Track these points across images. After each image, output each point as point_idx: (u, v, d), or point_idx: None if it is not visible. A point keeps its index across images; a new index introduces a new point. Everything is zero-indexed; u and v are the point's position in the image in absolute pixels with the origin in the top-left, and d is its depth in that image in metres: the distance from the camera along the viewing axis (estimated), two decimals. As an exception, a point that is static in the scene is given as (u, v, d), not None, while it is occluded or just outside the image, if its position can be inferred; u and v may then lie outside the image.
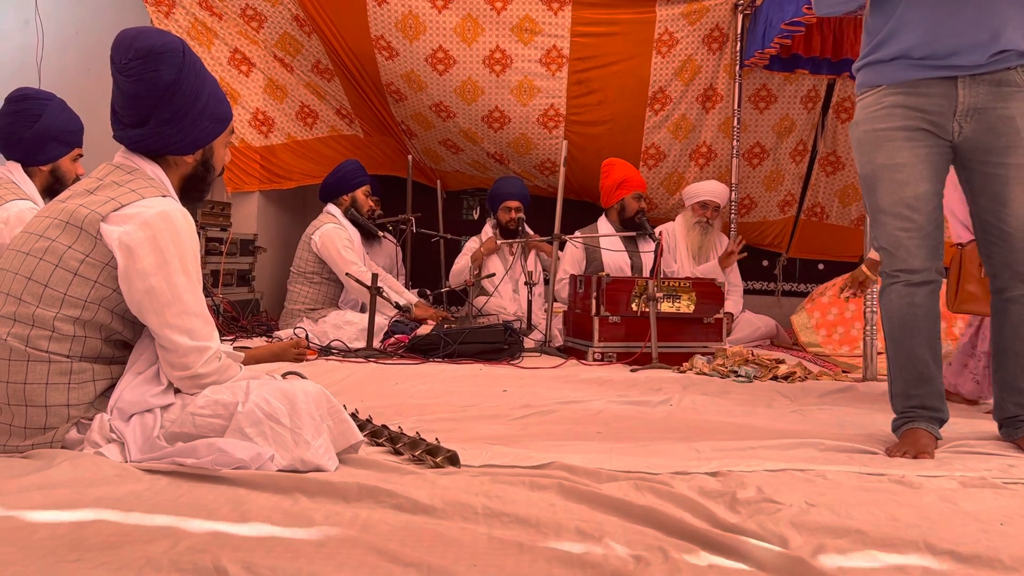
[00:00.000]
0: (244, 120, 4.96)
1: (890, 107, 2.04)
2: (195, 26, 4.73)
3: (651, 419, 2.38)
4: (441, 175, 5.65)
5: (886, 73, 2.05)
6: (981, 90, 1.98)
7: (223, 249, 4.51)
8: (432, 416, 2.29)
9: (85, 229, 1.62)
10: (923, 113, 2.01)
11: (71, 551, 1.14)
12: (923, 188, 2.02)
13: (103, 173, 1.73)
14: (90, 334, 1.64)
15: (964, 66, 1.97)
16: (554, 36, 4.82)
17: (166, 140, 1.73)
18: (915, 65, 2.00)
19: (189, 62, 1.71)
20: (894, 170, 2.03)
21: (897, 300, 2.06)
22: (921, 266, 2.03)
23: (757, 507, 1.46)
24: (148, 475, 1.51)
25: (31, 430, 1.60)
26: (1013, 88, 1.98)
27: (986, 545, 1.27)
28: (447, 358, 3.58)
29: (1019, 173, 1.98)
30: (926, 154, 2.02)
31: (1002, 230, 2.01)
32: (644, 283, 3.74)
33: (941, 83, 1.99)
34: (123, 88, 1.70)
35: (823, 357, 4.05)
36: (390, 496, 1.41)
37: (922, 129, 2.02)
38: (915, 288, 2.04)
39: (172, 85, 1.68)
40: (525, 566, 1.15)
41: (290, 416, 1.61)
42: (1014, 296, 2.04)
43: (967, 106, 1.98)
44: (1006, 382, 2.10)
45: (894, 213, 2.04)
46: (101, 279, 1.62)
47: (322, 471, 1.58)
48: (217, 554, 1.13)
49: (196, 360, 1.65)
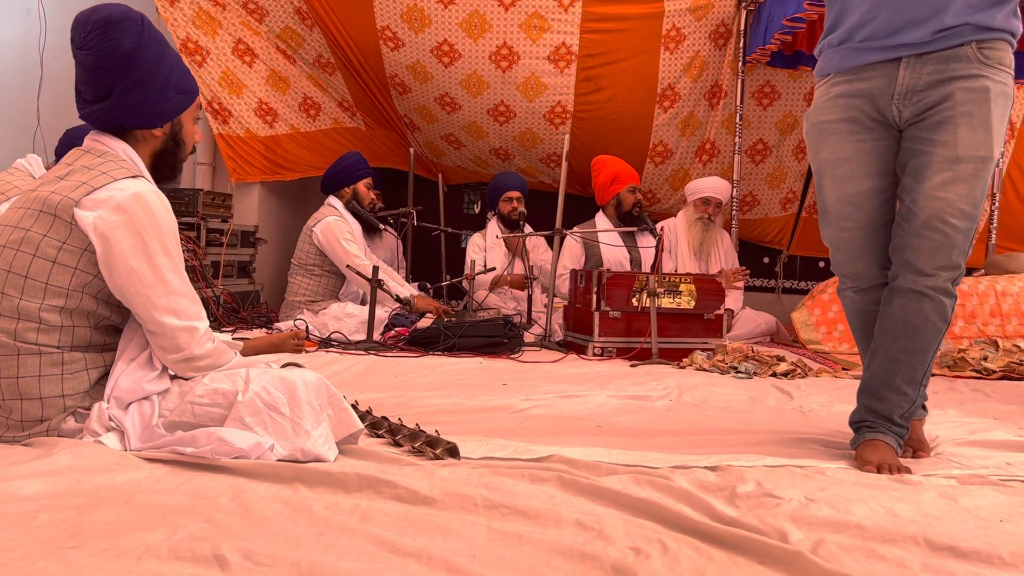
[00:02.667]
0: (250, 109, 4.95)
1: (835, 97, 1.90)
2: (200, 15, 4.72)
3: (651, 414, 2.38)
4: (443, 169, 5.65)
5: (834, 60, 1.91)
6: (926, 70, 1.78)
7: (224, 240, 4.50)
8: (432, 408, 2.29)
9: (59, 216, 1.59)
10: (864, 99, 1.85)
11: (70, 538, 1.14)
12: (866, 185, 1.87)
13: (73, 158, 1.70)
14: (78, 323, 1.62)
15: (907, 44, 1.79)
16: (563, 32, 4.78)
17: (132, 111, 1.69)
18: (858, 49, 1.85)
19: (148, 31, 1.69)
20: (836, 165, 1.90)
21: (850, 305, 1.99)
22: (865, 270, 1.92)
23: (756, 501, 1.47)
24: (148, 463, 1.51)
25: (28, 423, 1.60)
26: (963, 64, 1.76)
27: (985, 541, 1.27)
28: (447, 351, 3.58)
29: (944, 151, 1.75)
30: (872, 148, 1.87)
31: (910, 209, 1.80)
32: (645, 278, 3.74)
33: (884, 66, 1.82)
34: (84, 63, 1.66)
35: (823, 354, 4.05)
36: (390, 487, 1.41)
37: (867, 120, 1.86)
38: (864, 294, 1.94)
39: (133, 52, 1.65)
40: (524, 557, 1.15)
41: (290, 406, 1.60)
42: (898, 287, 1.83)
43: (905, 88, 1.80)
44: (865, 382, 1.92)
45: (836, 211, 1.91)
46: (81, 265, 1.60)
47: (322, 461, 1.58)
48: (216, 543, 1.13)
49: (188, 340, 1.64)
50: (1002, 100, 1.77)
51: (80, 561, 1.06)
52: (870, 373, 1.90)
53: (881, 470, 1.73)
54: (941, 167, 1.75)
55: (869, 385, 1.90)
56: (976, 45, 1.76)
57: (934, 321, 1.80)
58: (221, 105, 4.86)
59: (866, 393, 1.91)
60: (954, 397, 2.86)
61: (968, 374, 3.41)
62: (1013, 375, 3.38)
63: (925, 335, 1.81)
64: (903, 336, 1.82)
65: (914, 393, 1.85)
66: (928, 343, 1.82)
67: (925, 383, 1.87)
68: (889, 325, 1.84)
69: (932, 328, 1.81)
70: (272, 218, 5.28)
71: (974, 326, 4.18)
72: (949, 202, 1.74)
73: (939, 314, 1.80)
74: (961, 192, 1.74)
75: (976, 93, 1.74)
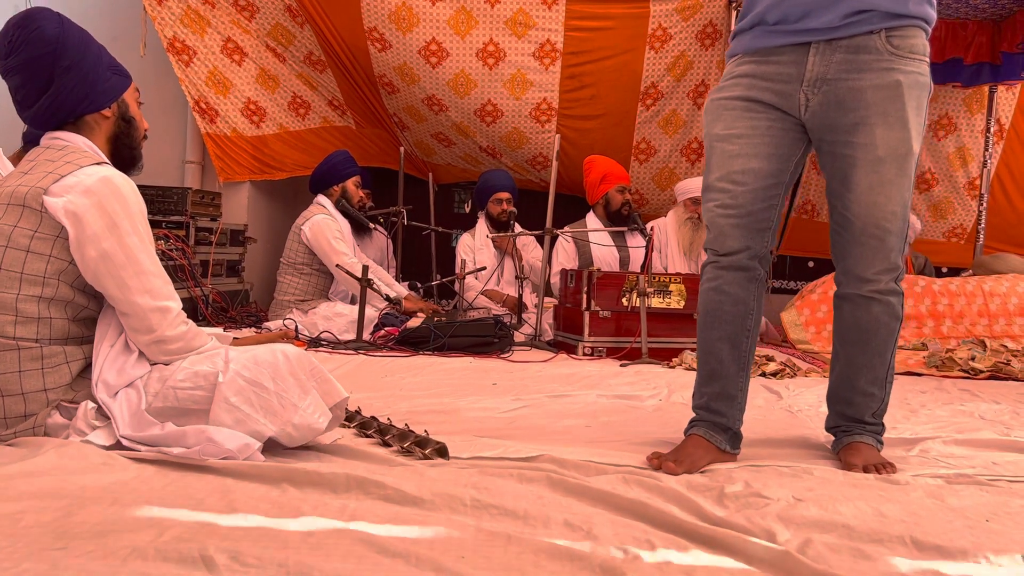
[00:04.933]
0: (236, 109, 4.93)
1: (739, 76, 1.82)
2: (188, 14, 4.69)
3: (640, 414, 2.39)
4: (433, 168, 5.64)
5: (743, 41, 1.83)
6: (835, 58, 1.71)
7: (213, 239, 4.48)
8: (421, 408, 2.29)
9: (28, 205, 1.60)
10: (769, 83, 1.77)
11: (57, 539, 1.13)
12: (754, 164, 1.78)
13: (34, 155, 1.72)
14: (55, 314, 1.62)
15: (816, 29, 1.71)
16: (548, 30, 4.81)
17: (76, 94, 1.71)
18: (770, 32, 1.77)
19: (64, 18, 1.73)
20: (727, 141, 1.80)
21: (705, 283, 1.86)
22: (734, 247, 1.80)
23: (745, 501, 1.47)
24: (135, 464, 1.50)
25: (12, 419, 1.59)
26: (871, 56, 1.70)
27: (972, 541, 1.28)
28: (437, 351, 3.57)
29: (866, 154, 1.71)
30: (767, 127, 1.78)
31: (845, 216, 1.77)
32: (635, 278, 3.75)
33: (794, 50, 1.75)
34: (17, 66, 1.69)
35: (812, 354, 4.06)
36: (379, 487, 1.41)
37: (767, 102, 1.78)
38: (723, 272, 1.82)
39: (59, 35, 1.68)
40: (513, 558, 1.15)
41: (273, 379, 1.60)
42: (845, 294, 1.83)
43: (815, 75, 1.73)
44: (832, 388, 1.92)
45: (718, 188, 1.81)
46: (55, 252, 1.61)
47: (315, 429, 1.62)
48: (204, 543, 1.12)
49: (160, 321, 1.64)
50: (916, 91, 1.71)
51: (66, 562, 1.05)
52: (835, 378, 1.91)
53: (867, 470, 1.74)
54: (866, 171, 1.73)
55: (836, 391, 1.91)
56: (885, 34, 1.70)
57: (885, 322, 1.80)
58: (208, 104, 4.84)
59: (835, 399, 1.92)
60: (942, 397, 2.88)
61: (956, 374, 3.43)
62: (1000, 375, 3.40)
63: (879, 336, 1.81)
64: (859, 341, 1.83)
65: (881, 392, 1.85)
66: (884, 343, 1.82)
67: (890, 379, 1.87)
68: (843, 330, 1.86)
69: (885, 329, 1.81)
70: (262, 217, 5.26)
71: (962, 326, 4.21)
72: (880, 206, 1.73)
73: (889, 314, 1.80)
74: (890, 194, 1.73)
75: (888, 90, 1.70)
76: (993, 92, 5.24)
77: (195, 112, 4.81)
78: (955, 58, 4.93)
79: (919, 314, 4.23)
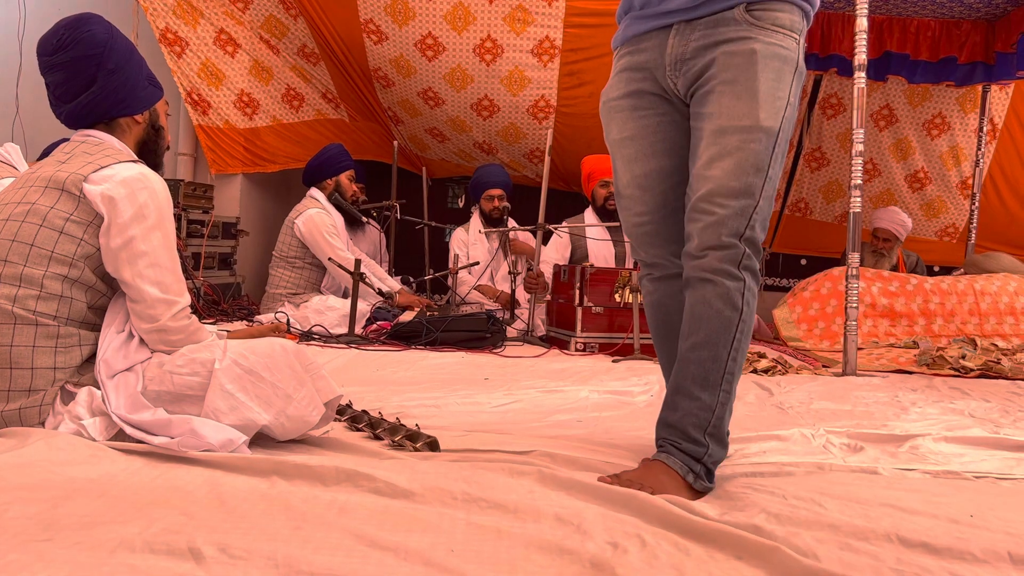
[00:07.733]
0: (229, 101, 4.91)
1: (619, 72, 1.75)
2: (180, 5, 4.67)
3: (632, 410, 2.39)
4: (427, 162, 5.63)
5: (619, 31, 1.76)
6: (694, 36, 1.60)
7: (205, 232, 4.47)
8: (413, 403, 2.29)
9: (67, 190, 1.67)
10: (644, 72, 1.69)
11: (43, 530, 1.13)
12: (653, 165, 1.68)
13: (71, 147, 1.78)
14: (77, 296, 1.66)
15: (677, 10, 1.62)
16: (547, 27, 4.78)
17: (116, 95, 1.80)
18: (637, 18, 1.70)
19: (115, 28, 1.82)
20: (623, 146, 1.72)
21: (646, 296, 1.78)
22: (660, 258, 1.72)
23: (734, 498, 1.47)
24: (124, 455, 1.50)
25: (15, 392, 1.60)
26: (728, 28, 1.57)
27: (957, 537, 1.28)
28: (429, 345, 3.57)
29: (709, 124, 1.56)
30: (656, 125, 1.68)
31: (687, 193, 1.62)
32: (627, 274, 3.75)
33: (658, 34, 1.66)
34: (61, 63, 1.76)
35: (804, 352, 4.07)
36: (369, 480, 1.40)
37: (649, 94, 1.69)
38: (659, 283, 1.74)
39: (108, 39, 1.78)
40: (503, 551, 1.15)
41: (269, 370, 1.63)
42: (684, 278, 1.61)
43: (674, 57, 1.63)
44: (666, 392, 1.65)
45: (628, 195, 1.72)
46: (87, 237, 1.67)
47: (308, 422, 1.65)
48: (192, 536, 1.12)
49: (164, 312, 1.69)
50: (775, 63, 1.55)
51: (52, 554, 1.05)
52: (669, 380, 1.66)
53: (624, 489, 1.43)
54: (708, 143, 1.56)
55: (666, 394, 1.64)
56: (745, 7, 1.56)
57: (719, 308, 1.53)
58: (200, 96, 4.82)
59: (664, 403, 1.63)
60: (932, 395, 2.89)
61: (946, 372, 3.44)
62: (990, 373, 3.41)
63: (711, 326, 1.54)
64: (691, 332, 1.57)
65: (711, 399, 1.54)
66: (717, 335, 1.54)
67: (726, 388, 1.56)
68: (682, 324, 1.61)
69: (718, 317, 1.53)
70: (254, 210, 5.24)
71: (953, 325, 4.22)
72: (715, 180, 1.54)
73: (724, 299, 1.53)
74: (727, 167, 1.53)
75: (739, 57, 1.55)
76: (987, 91, 5.26)
77: (187, 103, 4.79)
78: (949, 57, 4.95)
79: (910, 312, 4.24)
